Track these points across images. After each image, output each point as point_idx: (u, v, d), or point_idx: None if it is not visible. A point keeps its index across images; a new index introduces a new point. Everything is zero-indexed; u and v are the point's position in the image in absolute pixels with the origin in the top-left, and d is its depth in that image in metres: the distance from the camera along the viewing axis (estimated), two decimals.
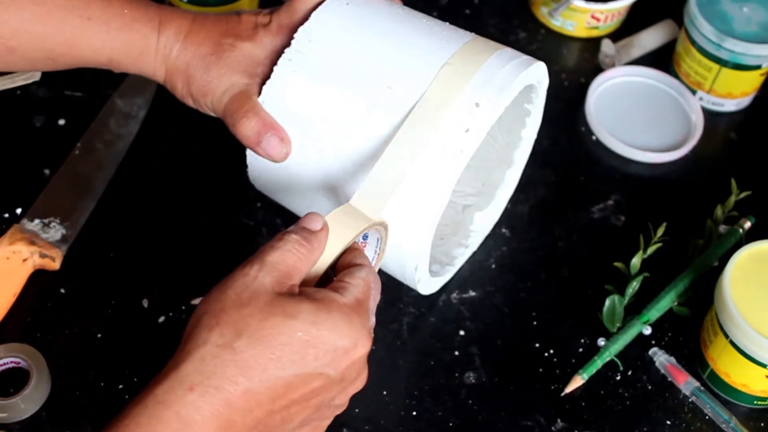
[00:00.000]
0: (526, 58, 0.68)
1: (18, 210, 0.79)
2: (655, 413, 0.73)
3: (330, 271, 0.58)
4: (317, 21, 0.68)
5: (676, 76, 0.92)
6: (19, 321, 0.74)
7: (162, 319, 0.75)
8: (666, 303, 0.77)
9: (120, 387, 0.71)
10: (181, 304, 0.76)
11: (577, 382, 0.74)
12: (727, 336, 0.70)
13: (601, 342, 0.76)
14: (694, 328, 0.77)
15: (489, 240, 0.81)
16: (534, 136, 0.78)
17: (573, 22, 0.94)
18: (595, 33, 0.95)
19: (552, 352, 0.76)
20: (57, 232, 0.77)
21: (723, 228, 0.81)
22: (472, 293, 0.78)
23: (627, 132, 0.89)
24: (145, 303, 0.76)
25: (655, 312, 0.77)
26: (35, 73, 0.87)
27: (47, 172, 0.82)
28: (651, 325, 0.77)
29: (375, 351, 0.74)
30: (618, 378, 0.75)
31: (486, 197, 0.80)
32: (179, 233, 0.80)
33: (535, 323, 0.77)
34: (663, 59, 0.94)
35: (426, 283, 0.72)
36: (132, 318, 0.75)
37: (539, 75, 0.70)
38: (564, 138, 0.89)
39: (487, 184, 0.80)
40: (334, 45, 0.67)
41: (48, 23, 0.67)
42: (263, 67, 0.68)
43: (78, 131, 0.84)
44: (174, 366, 0.51)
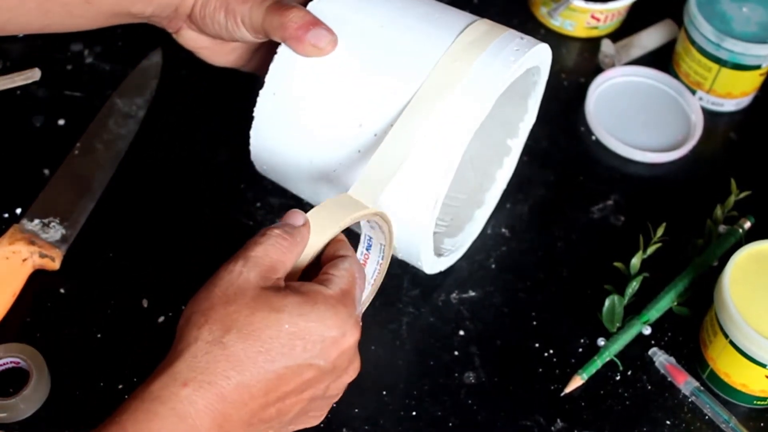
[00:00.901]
0: (529, 38, 0.69)
1: (17, 210, 0.79)
2: (655, 413, 0.73)
3: (317, 263, 0.59)
4: (318, 7, 0.68)
5: (675, 76, 0.92)
6: (19, 321, 0.74)
7: (162, 319, 0.75)
8: (666, 303, 0.77)
9: (120, 387, 0.71)
10: (181, 304, 0.75)
11: (577, 382, 0.74)
12: (727, 336, 0.70)
13: (601, 342, 0.76)
14: (693, 328, 0.77)
15: (488, 240, 0.81)
16: (534, 116, 0.79)
17: (573, 22, 0.94)
18: (595, 33, 0.95)
19: (551, 352, 0.76)
20: (56, 232, 0.77)
21: (723, 228, 0.81)
22: (471, 293, 0.78)
23: (626, 132, 0.89)
24: (145, 303, 0.76)
25: (655, 312, 0.77)
26: (35, 73, 0.87)
27: (47, 172, 0.82)
28: (651, 325, 0.77)
29: (374, 351, 0.74)
30: (618, 378, 0.75)
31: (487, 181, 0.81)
32: (179, 233, 0.80)
33: (535, 323, 0.77)
34: (663, 59, 0.94)
35: (432, 263, 0.72)
36: (132, 318, 0.75)
37: (543, 57, 0.71)
38: (563, 138, 0.89)
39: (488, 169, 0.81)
40: (337, 30, 0.67)
41: None
42: None
43: (77, 131, 0.84)
44: (168, 364, 0.53)
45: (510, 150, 0.80)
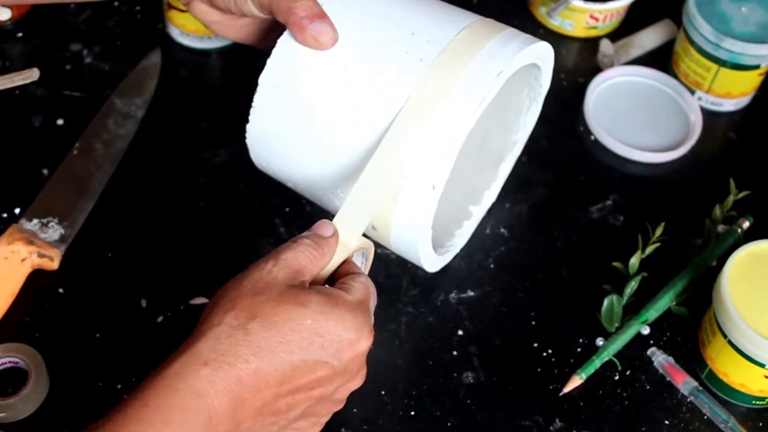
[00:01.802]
0: (528, 36, 0.69)
1: (16, 210, 0.79)
2: (654, 413, 0.73)
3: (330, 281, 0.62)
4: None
5: (674, 75, 0.92)
6: (18, 321, 0.74)
7: (160, 319, 0.75)
8: (664, 303, 0.77)
9: (118, 387, 0.71)
10: (180, 304, 0.76)
11: (576, 381, 0.74)
12: (726, 336, 0.70)
13: (600, 342, 0.76)
14: (692, 327, 0.77)
15: (487, 240, 0.81)
16: (536, 115, 0.79)
17: (572, 21, 0.94)
18: (594, 33, 0.95)
19: (550, 351, 0.76)
20: (55, 231, 0.77)
21: (721, 228, 0.81)
22: (470, 293, 0.78)
23: (626, 132, 0.89)
24: (144, 303, 0.76)
25: (654, 312, 0.77)
26: (34, 73, 0.87)
27: (45, 171, 0.82)
28: (649, 325, 0.77)
29: (373, 351, 0.74)
30: (616, 378, 0.75)
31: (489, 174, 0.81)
32: (178, 233, 0.80)
33: (534, 323, 0.77)
34: (662, 59, 0.94)
35: (432, 261, 0.73)
36: (130, 318, 0.75)
37: (544, 54, 0.71)
38: (563, 138, 0.89)
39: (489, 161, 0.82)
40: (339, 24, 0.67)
41: None
42: None
43: (76, 131, 0.84)
44: (190, 344, 0.54)
45: (513, 146, 0.81)
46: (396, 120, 0.64)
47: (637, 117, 0.90)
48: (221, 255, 0.78)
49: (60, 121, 0.85)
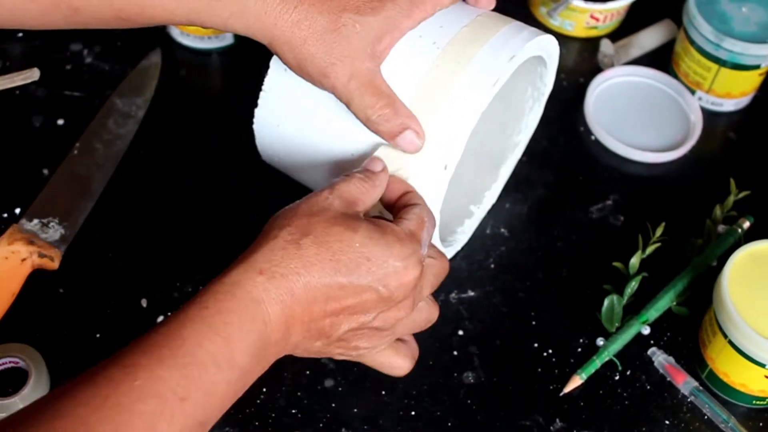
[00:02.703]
0: (536, 29, 0.69)
1: (17, 210, 0.79)
2: (654, 413, 0.73)
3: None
4: None
5: (675, 76, 0.92)
6: (18, 321, 0.74)
7: (161, 319, 0.75)
8: (665, 303, 0.77)
9: None
10: (180, 303, 0.75)
11: (576, 381, 0.74)
12: (726, 336, 0.70)
13: (600, 342, 0.76)
14: (692, 327, 0.77)
15: (488, 240, 0.81)
16: (540, 113, 0.80)
17: (572, 21, 0.94)
18: (594, 33, 0.95)
19: (551, 351, 0.76)
20: (56, 231, 0.77)
21: (722, 228, 0.81)
22: (470, 293, 0.78)
23: (626, 132, 0.89)
24: (144, 303, 0.76)
25: (654, 312, 0.77)
26: (34, 73, 0.87)
27: (46, 172, 0.82)
28: (650, 325, 0.77)
29: None
30: (617, 378, 0.75)
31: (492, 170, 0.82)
32: (178, 233, 0.80)
33: (534, 323, 0.77)
34: (662, 59, 0.94)
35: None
36: (131, 318, 0.75)
37: (549, 48, 0.71)
38: (563, 138, 0.89)
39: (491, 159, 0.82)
40: None
41: None
42: (386, 43, 0.65)
43: (77, 131, 0.84)
44: (246, 255, 0.58)
45: (514, 148, 0.81)
46: (409, 100, 0.64)
47: (638, 117, 0.90)
48: (222, 255, 0.78)
49: (60, 121, 0.85)
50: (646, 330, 0.76)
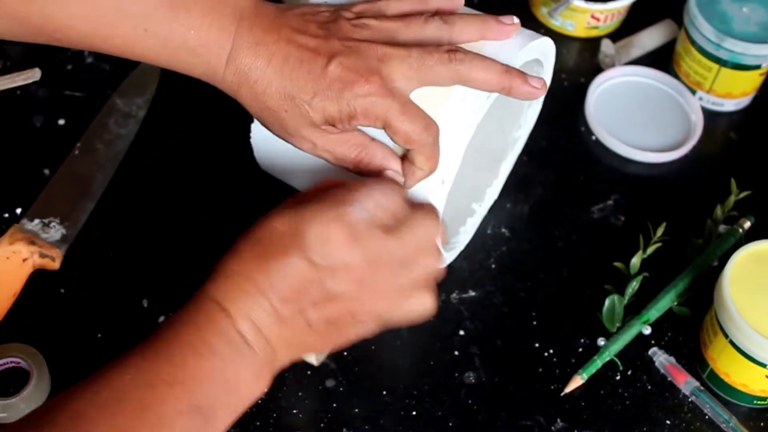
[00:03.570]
0: (531, 32, 0.69)
1: (18, 210, 0.79)
2: (655, 413, 0.73)
3: None
4: None
5: (675, 76, 0.92)
6: (19, 321, 0.74)
7: (162, 319, 0.75)
8: (666, 303, 0.77)
9: None
10: (181, 303, 0.76)
11: (577, 381, 0.74)
12: (727, 336, 0.70)
13: (601, 342, 0.76)
14: (693, 327, 0.77)
15: (488, 240, 0.81)
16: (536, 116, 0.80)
17: (573, 22, 0.94)
18: (595, 33, 0.95)
19: (551, 351, 0.76)
20: (57, 232, 0.77)
21: (722, 228, 0.81)
22: (471, 293, 0.78)
23: (627, 132, 0.89)
24: (145, 303, 0.76)
25: (655, 312, 0.77)
26: (35, 73, 0.87)
27: (47, 171, 0.82)
28: (651, 325, 0.77)
29: (374, 351, 0.74)
30: (618, 378, 0.75)
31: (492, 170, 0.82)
32: (179, 233, 0.80)
33: (535, 323, 0.77)
34: (663, 59, 0.94)
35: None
36: (132, 318, 0.75)
37: (546, 50, 0.71)
38: (563, 138, 0.89)
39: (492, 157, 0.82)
40: None
41: (98, 26, 0.62)
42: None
43: (78, 131, 0.84)
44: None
45: (514, 144, 0.81)
46: None
47: (638, 117, 0.90)
48: (222, 254, 0.78)
49: (61, 121, 0.85)
50: (647, 330, 0.76)
